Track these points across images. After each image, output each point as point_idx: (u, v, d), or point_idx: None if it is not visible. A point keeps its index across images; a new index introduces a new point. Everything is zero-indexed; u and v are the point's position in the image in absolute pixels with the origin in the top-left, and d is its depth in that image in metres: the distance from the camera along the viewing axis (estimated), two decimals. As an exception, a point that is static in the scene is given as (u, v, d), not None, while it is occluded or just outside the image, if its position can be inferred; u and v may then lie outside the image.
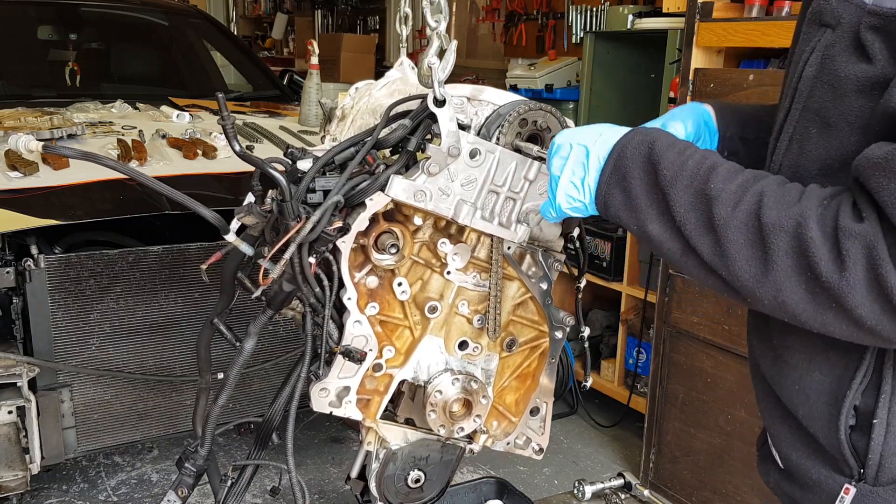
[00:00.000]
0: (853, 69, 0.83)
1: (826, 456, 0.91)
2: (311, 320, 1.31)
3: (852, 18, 0.84)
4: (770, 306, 0.82)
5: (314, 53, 3.13)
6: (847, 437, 0.88)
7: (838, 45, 0.85)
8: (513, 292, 1.41)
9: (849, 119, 0.85)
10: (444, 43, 1.23)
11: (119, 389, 2.31)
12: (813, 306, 0.79)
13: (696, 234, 0.84)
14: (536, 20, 4.74)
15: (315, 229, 1.19)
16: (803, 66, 0.90)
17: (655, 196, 0.88)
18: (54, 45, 3.83)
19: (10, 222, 2.01)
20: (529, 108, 1.27)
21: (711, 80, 2.32)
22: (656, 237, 0.88)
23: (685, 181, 0.85)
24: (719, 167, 0.86)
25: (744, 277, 0.82)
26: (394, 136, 1.28)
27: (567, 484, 2.77)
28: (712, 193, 0.83)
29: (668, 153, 0.88)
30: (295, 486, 1.36)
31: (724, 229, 0.82)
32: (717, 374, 2.39)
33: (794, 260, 0.78)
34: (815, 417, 0.91)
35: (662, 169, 0.87)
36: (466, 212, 1.27)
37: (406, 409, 1.47)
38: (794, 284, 0.79)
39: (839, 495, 0.90)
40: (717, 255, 0.83)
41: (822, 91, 0.88)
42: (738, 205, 0.81)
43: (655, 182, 0.87)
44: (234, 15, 9.11)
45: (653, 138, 0.91)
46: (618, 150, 0.92)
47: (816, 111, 0.89)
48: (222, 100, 1.20)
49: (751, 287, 0.82)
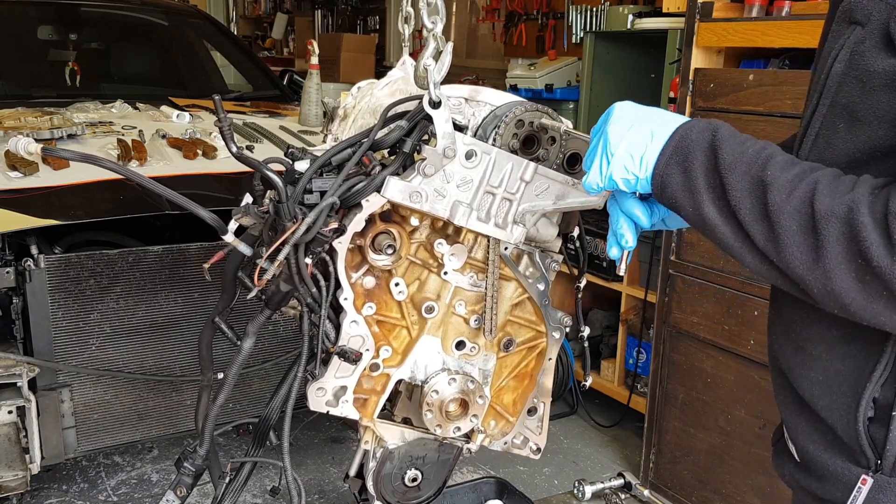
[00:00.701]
0: (882, 64, 0.84)
1: (843, 447, 0.92)
2: (308, 320, 1.32)
3: (882, 15, 0.85)
4: (820, 295, 0.83)
5: (314, 53, 3.13)
6: (865, 428, 0.89)
7: (868, 41, 0.86)
8: (510, 293, 1.41)
9: (878, 113, 0.85)
10: (441, 45, 1.23)
11: (119, 389, 2.31)
12: (863, 295, 0.79)
13: (750, 219, 0.85)
14: (536, 20, 4.74)
15: (310, 230, 1.19)
16: (832, 63, 0.91)
17: (714, 180, 0.89)
18: (54, 45, 3.83)
19: (10, 222, 2.02)
20: (526, 108, 1.27)
21: (711, 80, 2.32)
22: (711, 220, 0.89)
23: (743, 167, 0.87)
24: (777, 157, 0.87)
25: (795, 264, 0.82)
26: (390, 138, 1.28)
27: (567, 484, 2.77)
28: (768, 180, 0.84)
29: (731, 140, 0.90)
30: (290, 484, 1.36)
31: (777, 216, 0.83)
32: (717, 374, 2.39)
33: (845, 246, 0.78)
34: (834, 408, 0.92)
35: (723, 154, 0.88)
36: (462, 213, 1.27)
37: (403, 409, 1.47)
38: (844, 272, 0.79)
39: (856, 486, 0.90)
40: (769, 241, 0.84)
41: (850, 86, 0.89)
42: (792, 192, 0.82)
43: (715, 166, 0.89)
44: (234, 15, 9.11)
45: (717, 125, 0.92)
46: (682, 131, 0.93)
47: (844, 106, 0.89)
48: (219, 102, 1.20)
49: (801, 274, 0.82)
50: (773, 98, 2.15)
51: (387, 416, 1.46)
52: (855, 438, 0.90)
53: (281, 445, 1.35)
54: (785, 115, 2.12)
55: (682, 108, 2.41)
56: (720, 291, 2.35)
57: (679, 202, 0.93)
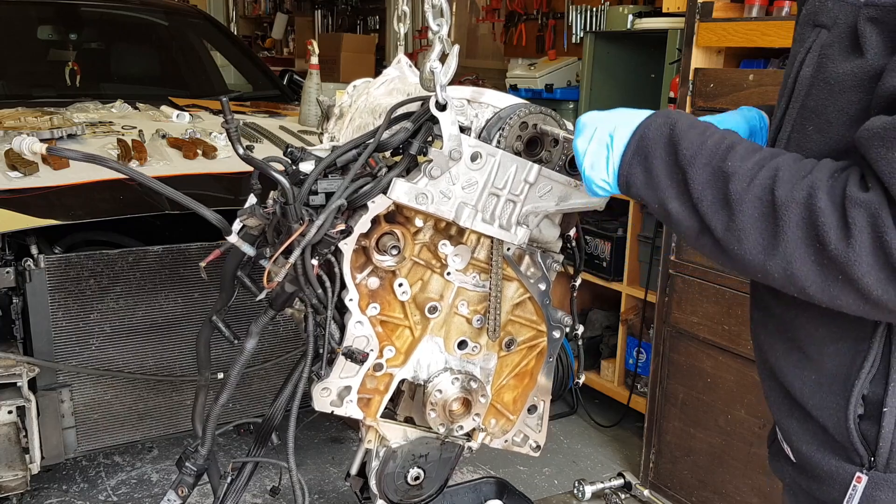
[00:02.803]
0: (849, 66, 0.85)
1: (836, 446, 0.92)
2: (313, 320, 1.32)
3: (848, 17, 0.85)
4: (780, 280, 0.83)
5: (314, 53, 3.13)
6: (856, 425, 0.89)
7: (836, 44, 0.87)
8: (512, 293, 1.41)
9: (848, 113, 0.86)
10: (447, 47, 1.23)
11: (119, 389, 2.31)
12: (821, 278, 0.79)
13: (711, 210, 0.86)
14: (536, 20, 4.74)
15: (319, 232, 1.19)
16: (799, 67, 0.92)
17: (675, 174, 0.89)
18: (54, 45, 3.83)
19: (10, 222, 2.02)
20: (530, 111, 1.28)
21: (711, 80, 2.32)
22: (675, 215, 0.90)
23: (704, 159, 0.87)
24: (738, 146, 0.87)
25: (755, 251, 0.83)
26: (395, 139, 1.29)
27: (567, 484, 2.77)
28: (729, 171, 0.84)
29: (689, 133, 0.90)
30: (295, 485, 1.36)
31: (738, 204, 0.83)
32: (717, 374, 2.40)
33: (804, 231, 0.79)
34: (825, 407, 0.92)
35: (682, 148, 0.89)
36: (468, 214, 1.27)
37: (406, 408, 1.47)
38: (803, 256, 0.80)
39: (851, 484, 0.90)
40: (729, 230, 0.84)
41: (818, 89, 0.89)
42: (752, 180, 0.83)
43: (675, 161, 0.89)
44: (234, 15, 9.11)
45: (675, 119, 0.92)
46: (641, 130, 0.94)
47: (813, 109, 0.90)
48: (226, 103, 1.20)
49: (761, 260, 0.83)
50: (773, 98, 2.12)
51: (389, 415, 1.47)
52: (847, 436, 0.90)
53: (286, 446, 1.35)
54: (785, 116, 2.12)
55: (682, 108, 2.41)
56: (720, 291, 2.35)
57: (645, 199, 0.94)
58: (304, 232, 1.19)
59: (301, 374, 1.33)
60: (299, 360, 1.35)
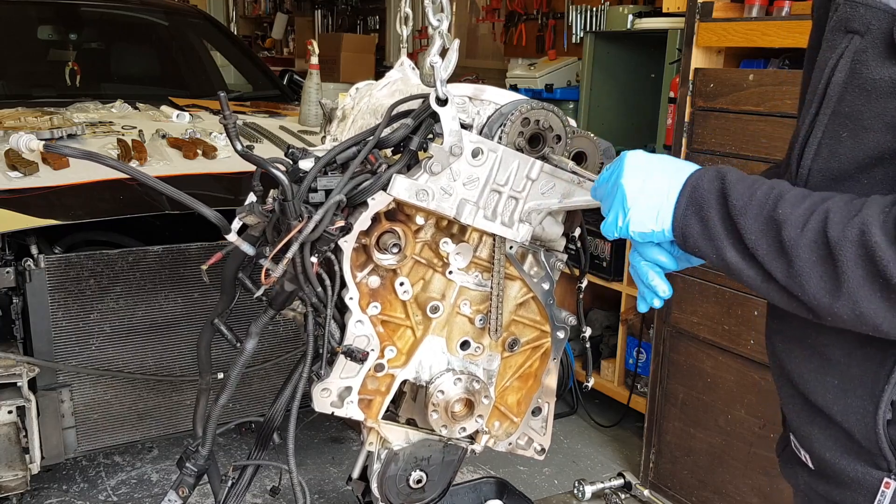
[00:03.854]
0: (888, 71, 0.85)
1: (862, 452, 0.92)
2: (313, 320, 1.31)
3: (882, 24, 0.85)
4: (851, 321, 0.83)
5: (314, 53, 3.13)
6: (885, 431, 0.89)
7: (870, 50, 0.87)
8: (515, 292, 1.41)
9: (885, 119, 0.86)
10: (447, 42, 1.23)
11: (119, 389, 2.31)
12: (892, 313, 0.79)
13: (768, 258, 0.86)
14: (536, 20, 4.74)
15: (317, 228, 1.19)
16: (830, 73, 0.91)
17: (729, 226, 0.90)
18: (54, 45, 3.82)
19: (10, 222, 2.01)
20: (532, 107, 1.27)
21: (711, 80, 2.32)
22: (735, 266, 0.91)
23: (755, 210, 0.88)
24: (787, 193, 0.88)
25: (819, 295, 0.83)
26: (396, 136, 1.28)
27: (567, 484, 2.77)
28: (780, 218, 0.85)
29: (739, 185, 0.91)
30: (296, 487, 1.36)
31: (794, 250, 0.83)
32: (717, 374, 2.39)
33: (864, 269, 0.79)
34: (850, 413, 0.91)
35: (733, 199, 0.90)
36: (469, 211, 1.26)
37: (408, 410, 1.47)
38: (868, 294, 0.80)
39: (879, 490, 0.90)
40: (790, 276, 0.84)
41: (853, 95, 0.89)
42: (805, 226, 0.83)
43: (727, 213, 0.90)
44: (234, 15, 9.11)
45: (724, 172, 0.94)
46: (692, 181, 0.95)
47: (848, 115, 0.90)
48: (224, 98, 1.20)
49: (828, 304, 0.83)
50: (773, 98, 2.16)
51: (391, 417, 1.46)
52: (875, 442, 0.89)
53: (286, 447, 1.34)
54: (785, 115, 2.12)
55: (682, 108, 2.41)
56: (720, 291, 2.35)
57: (702, 250, 0.94)
58: (303, 228, 1.19)
59: (301, 374, 1.33)
60: (299, 361, 1.34)
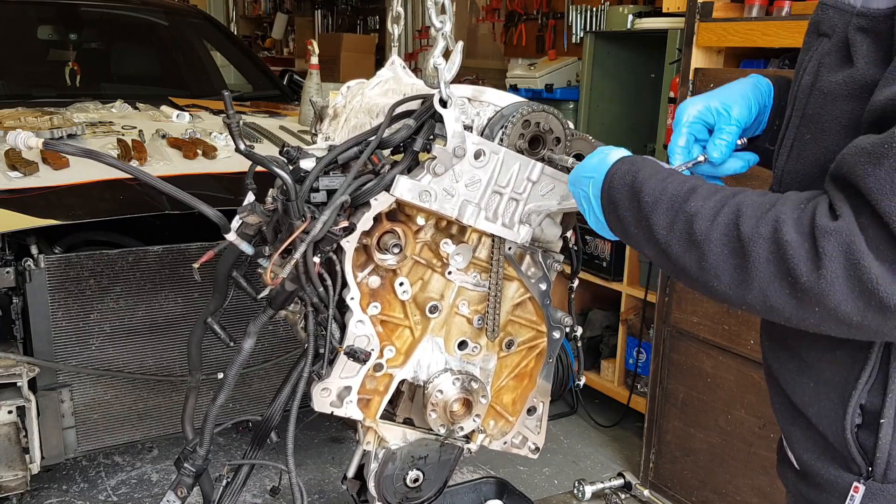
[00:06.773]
0: (841, 75, 0.85)
1: (836, 454, 0.92)
2: (313, 320, 1.31)
3: (844, 26, 0.86)
4: (763, 311, 0.84)
5: (314, 53, 3.13)
6: (854, 435, 0.89)
7: (833, 53, 0.88)
8: (512, 292, 1.41)
9: (841, 122, 0.86)
10: (450, 43, 1.23)
11: (119, 389, 2.31)
12: (800, 310, 0.79)
13: (680, 252, 0.87)
14: (536, 20, 4.74)
15: (323, 228, 1.19)
16: (801, 76, 0.93)
17: (642, 222, 0.91)
18: (54, 45, 3.82)
19: (10, 222, 2.01)
20: (532, 109, 1.27)
21: (711, 80, 2.32)
22: (653, 258, 0.92)
23: (665, 205, 0.88)
24: (699, 188, 0.88)
25: (731, 287, 0.83)
26: (398, 136, 1.29)
27: (567, 484, 2.77)
28: (691, 211, 0.85)
29: (651, 180, 0.92)
30: (294, 488, 1.36)
31: (705, 244, 0.84)
32: (717, 374, 2.39)
33: (775, 265, 0.79)
34: (824, 415, 0.92)
35: (644, 196, 0.91)
36: (471, 212, 1.27)
37: (405, 409, 1.47)
38: (777, 289, 0.79)
39: (849, 494, 0.90)
40: (702, 269, 0.85)
41: (815, 98, 0.90)
42: (716, 218, 0.83)
43: (639, 208, 0.91)
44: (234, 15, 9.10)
45: (639, 166, 0.94)
46: (607, 181, 0.97)
47: (811, 118, 0.91)
48: (228, 98, 1.20)
49: (740, 295, 0.83)
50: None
51: (388, 416, 1.46)
52: (844, 445, 0.90)
53: (285, 447, 1.34)
54: (785, 116, 2.12)
55: (682, 109, 2.41)
56: (720, 291, 2.35)
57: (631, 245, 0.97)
58: (308, 229, 1.19)
59: (301, 373, 1.33)
60: (298, 360, 1.34)
